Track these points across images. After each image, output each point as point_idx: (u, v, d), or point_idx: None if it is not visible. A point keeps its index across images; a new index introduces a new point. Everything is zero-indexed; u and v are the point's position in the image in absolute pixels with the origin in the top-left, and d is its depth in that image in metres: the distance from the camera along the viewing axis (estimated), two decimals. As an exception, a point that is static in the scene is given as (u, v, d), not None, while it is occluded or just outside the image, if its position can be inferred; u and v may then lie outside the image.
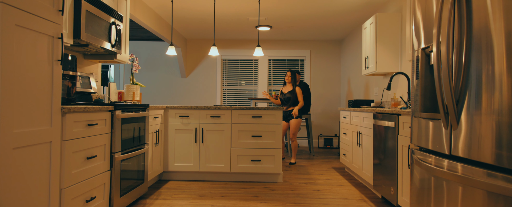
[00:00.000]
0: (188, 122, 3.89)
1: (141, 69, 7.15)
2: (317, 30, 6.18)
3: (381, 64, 4.16)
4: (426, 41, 1.84)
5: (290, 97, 4.86)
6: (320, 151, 6.40)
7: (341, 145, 4.61)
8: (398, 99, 4.04)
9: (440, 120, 1.63)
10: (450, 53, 1.52)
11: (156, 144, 3.58)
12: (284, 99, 4.95)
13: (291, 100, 4.85)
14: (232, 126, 3.87)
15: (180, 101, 7.12)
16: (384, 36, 4.16)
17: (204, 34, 6.67)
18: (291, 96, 4.86)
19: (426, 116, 1.78)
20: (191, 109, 3.88)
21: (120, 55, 3.31)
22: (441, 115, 1.57)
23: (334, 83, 7.05)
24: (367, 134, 3.50)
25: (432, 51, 1.78)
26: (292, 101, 4.85)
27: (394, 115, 2.80)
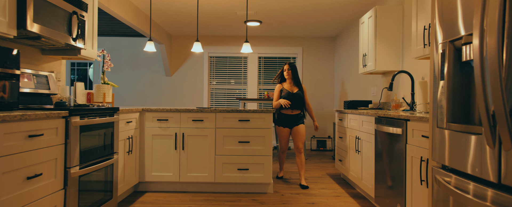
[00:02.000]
0: (167, 126, 3.43)
1: (123, 68, 6.65)
2: (310, 25, 5.76)
3: (380, 62, 3.76)
4: (456, 31, 1.42)
5: (300, 99, 3.81)
6: (313, 154, 6.00)
7: (337, 149, 4.20)
8: (400, 101, 3.65)
9: (482, 135, 1.22)
10: (500, 46, 1.10)
11: (129, 152, 3.12)
12: (293, 99, 3.81)
13: (300, 101, 3.82)
14: (217, 130, 3.43)
15: (165, 101, 6.64)
16: (384, 31, 3.76)
17: (190, 30, 6.20)
18: (300, 97, 3.82)
19: (459, 129, 1.36)
20: (170, 112, 3.43)
21: (86, 51, 2.84)
22: (485, 129, 1.15)
23: (327, 82, 6.66)
24: (368, 140, 3.09)
25: (466, 44, 1.36)
26: (300, 103, 3.84)
27: (401, 120, 2.40)
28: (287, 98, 3.78)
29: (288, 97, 3.78)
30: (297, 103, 3.81)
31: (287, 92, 3.81)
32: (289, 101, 3.76)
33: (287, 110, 3.81)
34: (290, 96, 3.80)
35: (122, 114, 2.96)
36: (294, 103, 3.80)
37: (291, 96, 3.80)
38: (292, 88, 3.85)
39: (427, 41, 2.58)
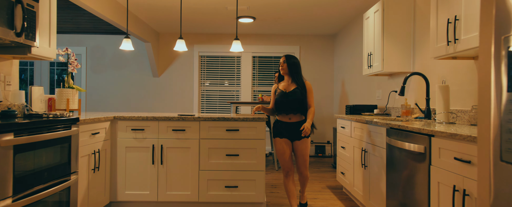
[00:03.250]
0: (143, 137, 2.93)
1: (106, 68, 6.13)
2: (307, 22, 5.26)
3: (389, 62, 3.27)
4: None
5: (296, 99, 2.81)
6: (312, 161, 5.51)
7: (339, 160, 3.72)
8: (411, 106, 3.16)
9: None
10: None
11: (95, 169, 2.61)
12: (287, 101, 2.82)
13: (297, 103, 2.81)
14: (201, 142, 2.93)
15: (151, 104, 6.13)
16: (393, 27, 3.27)
17: (179, 27, 5.68)
18: (297, 96, 2.81)
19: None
20: (146, 121, 2.93)
21: (39, 49, 2.33)
22: None
23: (325, 84, 6.17)
24: (377, 155, 2.60)
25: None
26: (298, 105, 2.82)
27: (423, 135, 1.91)
28: (279, 100, 2.84)
29: (280, 99, 2.84)
30: (292, 105, 2.79)
31: (281, 92, 2.86)
32: (260, 107, 2.90)
33: (284, 117, 2.85)
34: (283, 96, 2.83)
35: (85, 124, 2.46)
36: (288, 105, 2.80)
37: (284, 97, 2.83)
38: (288, 87, 2.87)
39: (451, 37, 2.10)
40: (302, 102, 2.81)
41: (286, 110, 2.83)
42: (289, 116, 2.84)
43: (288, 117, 2.84)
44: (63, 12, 5.06)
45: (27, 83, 6.16)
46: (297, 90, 2.81)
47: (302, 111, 2.83)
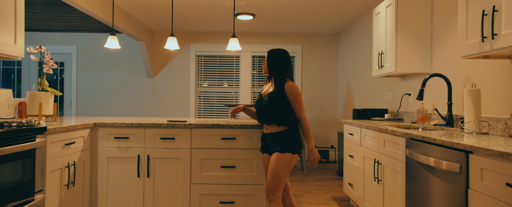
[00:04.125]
0: (127, 146, 2.58)
1: (98, 67, 5.78)
2: (310, 20, 4.91)
3: (403, 62, 2.92)
4: None
5: (267, 106, 2.19)
6: (314, 167, 5.16)
7: (346, 170, 3.36)
8: (428, 111, 2.81)
9: None
10: None
11: (69, 184, 2.26)
12: (259, 108, 2.27)
13: (267, 111, 2.20)
14: (193, 152, 2.58)
15: (146, 107, 5.78)
16: (408, 23, 2.91)
17: (175, 25, 5.33)
18: (266, 103, 2.20)
19: None
20: (131, 128, 2.57)
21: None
22: None
23: (329, 85, 5.81)
24: (394, 168, 2.25)
25: None
26: (269, 114, 2.20)
27: (457, 151, 1.55)
28: (255, 106, 2.34)
29: (255, 105, 2.33)
30: (264, 113, 2.22)
31: (259, 96, 2.36)
32: (239, 107, 2.44)
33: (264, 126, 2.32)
34: (257, 102, 2.31)
35: (57, 134, 2.11)
36: (260, 113, 2.25)
37: (257, 103, 2.31)
38: (267, 90, 2.31)
39: (488, 32, 1.74)
40: (274, 109, 2.16)
41: (260, 119, 2.29)
42: (266, 126, 2.29)
43: (265, 127, 2.29)
44: (51, 9, 4.71)
45: (14, 84, 5.82)
46: (271, 94, 2.19)
47: (277, 120, 2.17)
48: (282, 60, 2.25)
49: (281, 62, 2.25)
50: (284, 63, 2.25)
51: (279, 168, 2.10)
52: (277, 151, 2.13)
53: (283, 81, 2.19)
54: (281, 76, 2.21)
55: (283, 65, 2.24)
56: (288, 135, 2.15)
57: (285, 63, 2.25)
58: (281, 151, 2.12)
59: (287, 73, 2.24)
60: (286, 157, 2.11)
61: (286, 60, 2.27)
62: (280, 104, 2.16)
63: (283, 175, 2.11)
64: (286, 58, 2.27)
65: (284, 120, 2.16)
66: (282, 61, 2.25)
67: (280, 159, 2.11)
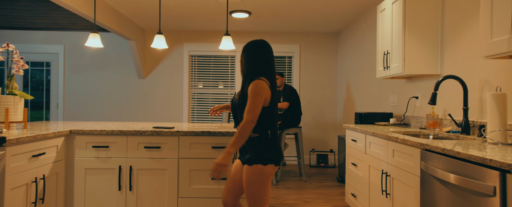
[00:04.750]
0: (107, 156, 2.30)
1: (87, 68, 5.48)
2: (308, 18, 4.65)
3: (411, 62, 2.66)
4: None
5: (233, 107, 2.00)
6: (313, 172, 4.90)
7: (348, 179, 3.10)
8: (439, 117, 2.55)
9: None
10: None
11: (37, 201, 1.98)
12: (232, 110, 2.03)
13: (234, 113, 2.00)
14: (180, 162, 2.31)
15: (137, 110, 5.49)
16: (417, 20, 2.66)
17: (168, 23, 5.05)
18: (233, 104, 2.00)
19: None
20: (112, 135, 2.30)
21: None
22: None
23: (328, 87, 5.55)
24: (406, 183, 1.98)
25: None
26: (236, 116, 1.98)
27: (489, 168, 1.29)
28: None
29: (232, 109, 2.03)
30: (233, 117, 2.00)
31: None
32: (220, 106, 2.25)
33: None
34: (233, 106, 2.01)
35: (20, 145, 1.82)
36: (233, 116, 2.02)
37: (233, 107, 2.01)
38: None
39: (520, 27, 1.48)
40: (241, 111, 1.86)
41: (234, 122, 2.03)
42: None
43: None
44: (35, 6, 4.42)
45: (-1, 85, 5.51)
46: (244, 92, 1.87)
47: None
48: (253, 54, 1.87)
49: (252, 56, 1.87)
50: (256, 57, 1.87)
51: (251, 185, 1.77)
52: (246, 164, 1.81)
53: (253, 78, 1.83)
54: (251, 72, 1.84)
55: (254, 59, 1.86)
56: (258, 143, 1.81)
57: (257, 57, 1.87)
58: (249, 163, 1.78)
59: (260, 69, 1.85)
60: (256, 169, 1.76)
61: (259, 54, 1.87)
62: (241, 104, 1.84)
63: (259, 191, 1.76)
64: (259, 51, 1.88)
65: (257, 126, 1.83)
66: (256, 55, 1.87)
67: (249, 173, 1.78)
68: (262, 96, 1.76)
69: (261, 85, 1.78)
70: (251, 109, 1.74)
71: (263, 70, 1.86)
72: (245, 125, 1.72)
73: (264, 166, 1.77)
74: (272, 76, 1.89)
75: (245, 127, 1.72)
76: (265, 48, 1.90)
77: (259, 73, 1.85)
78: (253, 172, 1.76)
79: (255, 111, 1.74)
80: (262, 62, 1.86)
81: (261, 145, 1.81)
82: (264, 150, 1.80)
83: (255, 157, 1.78)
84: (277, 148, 1.84)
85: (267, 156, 1.79)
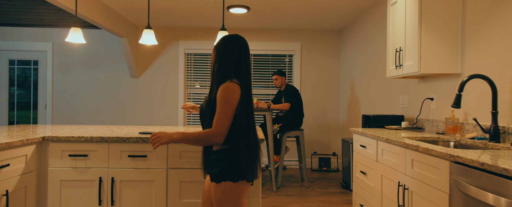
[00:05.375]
0: (86, 166, 2.01)
1: (76, 67, 5.18)
2: (310, 14, 4.36)
3: (428, 60, 2.38)
4: None
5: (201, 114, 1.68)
6: (315, 177, 4.62)
7: (356, 188, 2.82)
8: (459, 120, 2.27)
9: None
10: None
11: (1, 222, 1.69)
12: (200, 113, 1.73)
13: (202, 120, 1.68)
14: (170, 173, 2.02)
15: (129, 111, 5.19)
16: (434, 13, 2.37)
17: (163, 20, 4.76)
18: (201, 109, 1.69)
19: None
20: (91, 143, 2.01)
21: None
22: None
23: (331, 86, 5.27)
24: (431, 199, 1.70)
25: None
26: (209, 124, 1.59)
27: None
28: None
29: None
30: (202, 121, 1.68)
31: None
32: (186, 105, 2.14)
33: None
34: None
35: (-23, 156, 1.53)
36: (201, 121, 1.69)
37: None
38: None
39: None
40: (207, 118, 1.58)
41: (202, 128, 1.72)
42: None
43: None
44: (18, 0, 4.12)
45: (-17, 84, 5.20)
46: (208, 97, 1.62)
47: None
48: (224, 51, 1.59)
49: (223, 54, 1.59)
50: (227, 55, 1.58)
51: (222, 206, 1.51)
52: (213, 181, 1.54)
53: (223, 81, 1.56)
54: (221, 74, 1.57)
55: (224, 58, 1.58)
56: (227, 156, 1.53)
57: (228, 55, 1.58)
58: (216, 181, 1.52)
59: (231, 70, 1.57)
60: (225, 188, 1.50)
61: (231, 51, 1.59)
62: (213, 113, 1.55)
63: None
64: (231, 47, 1.59)
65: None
66: (224, 52, 1.59)
67: (218, 192, 1.52)
68: (233, 103, 1.50)
69: (232, 89, 1.51)
70: (220, 120, 1.48)
71: (235, 70, 1.58)
72: (209, 137, 1.47)
73: (233, 184, 1.51)
74: (247, 78, 1.61)
75: (208, 138, 1.47)
76: (239, 45, 1.61)
77: (230, 74, 1.57)
78: (223, 191, 1.51)
79: (225, 122, 1.48)
80: (234, 61, 1.58)
81: (230, 158, 1.53)
82: (232, 165, 1.52)
83: (222, 174, 1.51)
84: (250, 162, 1.56)
85: (237, 171, 1.51)
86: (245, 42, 1.65)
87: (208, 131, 1.48)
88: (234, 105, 1.50)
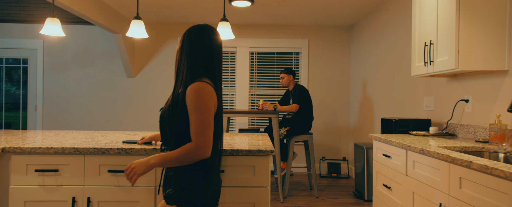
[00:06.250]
0: (57, 184, 1.64)
1: (68, 65, 4.82)
2: (318, 8, 3.97)
3: (469, 55, 1.98)
4: None
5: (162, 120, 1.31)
6: (325, 184, 4.23)
7: (377, 203, 2.42)
8: (507, 127, 1.88)
9: None
10: None
11: None
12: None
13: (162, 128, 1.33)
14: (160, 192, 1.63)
15: (125, 113, 4.82)
16: (476, 2, 1.98)
17: (160, 15, 4.39)
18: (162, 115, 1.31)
19: None
20: (64, 155, 1.63)
21: None
22: None
23: (340, 86, 4.87)
24: (489, 232, 1.31)
25: None
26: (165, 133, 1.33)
27: None
28: None
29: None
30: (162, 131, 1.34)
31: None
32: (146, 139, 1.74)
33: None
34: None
35: None
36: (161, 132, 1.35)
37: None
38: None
39: None
40: (170, 125, 1.26)
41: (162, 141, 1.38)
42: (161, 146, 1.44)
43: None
44: (3, -7, 3.76)
45: (-30, 84, 4.85)
46: (170, 101, 1.30)
47: (173, 144, 1.29)
48: (193, 45, 1.29)
49: (191, 47, 1.29)
50: (196, 49, 1.28)
51: None
52: (164, 199, 1.29)
53: (191, 80, 1.26)
54: (190, 71, 1.27)
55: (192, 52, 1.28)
56: (187, 174, 1.25)
57: (197, 49, 1.28)
58: (168, 201, 1.26)
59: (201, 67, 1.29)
60: None
61: (200, 44, 1.29)
62: (177, 119, 1.24)
63: None
64: (200, 40, 1.29)
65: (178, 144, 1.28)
66: (193, 46, 1.29)
67: None
68: (210, 108, 1.23)
69: (207, 91, 1.23)
70: (200, 130, 1.19)
71: (206, 67, 1.30)
72: (192, 152, 1.19)
73: None
74: (217, 76, 1.32)
75: (192, 155, 1.19)
76: (211, 36, 1.31)
77: (200, 72, 1.29)
78: None
79: (207, 131, 1.20)
80: (205, 56, 1.30)
81: (189, 179, 1.25)
82: (189, 188, 1.24)
83: (177, 196, 1.24)
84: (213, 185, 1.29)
85: (192, 196, 1.24)
86: (218, 33, 1.34)
87: (190, 146, 1.20)
88: (211, 108, 1.23)
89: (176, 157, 1.19)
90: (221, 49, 1.36)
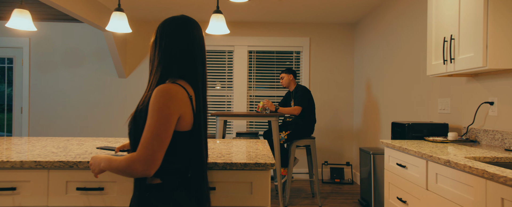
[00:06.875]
0: (14, 205, 1.36)
1: (57, 65, 4.53)
2: (321, 5, 3.70)
3: (499, 51, 1.71)
4: None
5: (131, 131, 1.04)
6: (327, 191, 3.95)
7: (390, 218, 2.14)
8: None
9: None
10: None
11: None
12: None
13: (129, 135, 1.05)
14: (136, 215, 1.35)
15: (116, 116, 4.53)
16: (505, -14, 1.71)
17: (152, 13, 4.11)
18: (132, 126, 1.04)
19: None
20: (22, 170, 1.35)
21: None
22: None
23: (343, 86, 4.60)
24: None
25: None
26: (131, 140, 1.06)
27: None
28: None
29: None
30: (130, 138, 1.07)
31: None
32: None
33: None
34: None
35: None
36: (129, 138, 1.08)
37: None
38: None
39: None
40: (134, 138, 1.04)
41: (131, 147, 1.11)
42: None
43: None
44: (-18, -13, 3.47)
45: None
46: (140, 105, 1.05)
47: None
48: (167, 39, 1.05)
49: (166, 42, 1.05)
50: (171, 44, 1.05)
51: None
52: None
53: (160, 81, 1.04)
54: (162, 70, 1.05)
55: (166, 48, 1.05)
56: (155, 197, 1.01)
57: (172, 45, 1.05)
58: None
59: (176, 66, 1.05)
60: None
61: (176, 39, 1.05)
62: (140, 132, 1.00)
63: None
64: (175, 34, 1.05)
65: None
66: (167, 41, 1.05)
67: None
68: (168, 114, 0.96)
69: (171, 95, 0.97)
70: (146, 141, 0.94)
71: (182, 66, 1.06)
72: (129, 165, 0.94)
73: None
74: (198, 77, 1.08)
75: (129, 168, 0.94)
76: (187, 30, 1.07)
77: (173, 71, 1.06)
78: None
79: (153, 145, 0.94)
80: (178, 55, 1.05)
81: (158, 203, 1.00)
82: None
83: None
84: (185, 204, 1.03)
85: None
86: (199, 26, 1.10)
87: (131, 157, 0.95)
88: (170, 116, 0.96)
89: (117, 166, 0.97)
90: (203, 45, 1.10)
